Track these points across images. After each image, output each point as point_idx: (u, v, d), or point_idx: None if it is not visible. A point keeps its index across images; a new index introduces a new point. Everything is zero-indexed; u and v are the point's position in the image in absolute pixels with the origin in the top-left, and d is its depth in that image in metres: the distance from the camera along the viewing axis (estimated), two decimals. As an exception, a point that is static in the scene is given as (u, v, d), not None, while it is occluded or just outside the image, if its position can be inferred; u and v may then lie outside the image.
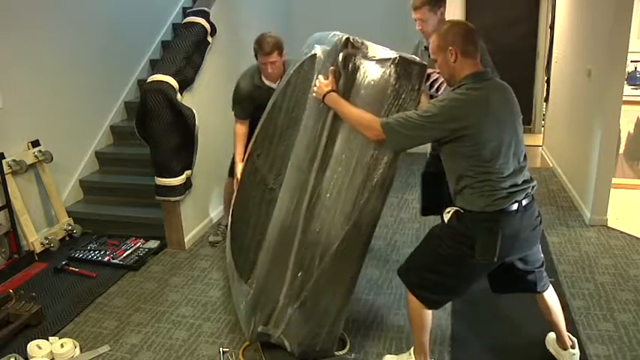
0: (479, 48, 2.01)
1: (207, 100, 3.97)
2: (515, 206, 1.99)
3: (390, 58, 2.12)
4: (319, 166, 2.19)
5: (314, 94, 2.21)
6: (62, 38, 4.07)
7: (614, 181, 3.99)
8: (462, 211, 2.04)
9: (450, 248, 2.08)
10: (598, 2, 3.98)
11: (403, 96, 2.14)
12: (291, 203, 2.25)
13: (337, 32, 2.33)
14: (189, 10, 4.15)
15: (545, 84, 6.26)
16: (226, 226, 3.63)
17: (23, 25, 3.71)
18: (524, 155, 2.08)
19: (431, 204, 2.96)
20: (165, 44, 5.22)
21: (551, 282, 2.36)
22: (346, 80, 2.13)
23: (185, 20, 3.99)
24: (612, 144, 3.81)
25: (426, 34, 2.69)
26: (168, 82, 3.45)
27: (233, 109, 3.39)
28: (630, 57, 3.95)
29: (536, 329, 2.68)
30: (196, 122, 3.60)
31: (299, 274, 2.27)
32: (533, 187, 2.08)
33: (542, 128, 6.41)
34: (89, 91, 4.37)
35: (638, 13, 4.31)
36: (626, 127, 4.58)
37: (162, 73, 3.51)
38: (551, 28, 5.87)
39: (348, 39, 2.13)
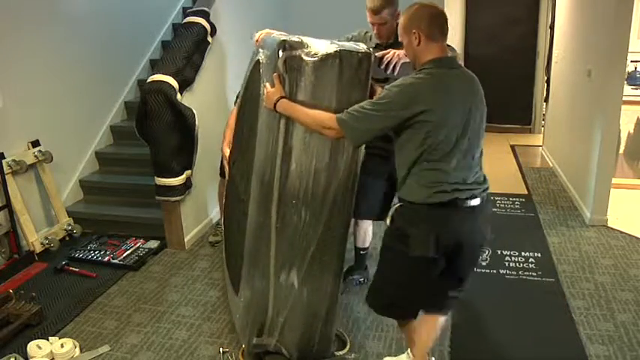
0: (446, 33, 1.93)
1: (207, 100, 3.97)
2: (457, 202, 1.90)
3: (331, 53, 2.04)
4: (280, 175, 2.15)
5: (264, 104, 2.15)
6: (62, 38, 4.07)
7: (614, 181, 4.00)
8: (402, 205, 1.98)
9: (394, 253, 2.01)
10: (598, 2, 3.98)
11: (351, 88, 2.08)
12: (259, 215, 2.23)
13: (275, 33, 2.28)
14: (189, 10, 4.14)
15: (545, 84, 6.27)
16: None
17: (23, 25, 3.71)
18: (481, 153, 1.99)
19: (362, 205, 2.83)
20: (165, 44, 5.21)
21: (550, 282, 2.36)
22: (291, 83, 2.05)
23: (185, 20, 3.98)
24: (612, 144, 3.81)
25: (383, 38, 2.62)
26: (168, 82, 3.45)
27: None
28: (630, 57, 3.95)
29: (535, 329, 2.68)
30: (196, 122, 3.60)
31: (282, 282, 2.26)
32: (484, 189, 1.97)
33: (542, 128, 6.41)
34: (89, 91, 4.37)
35: (638, 13, 4.31)
36: (626, 127, 4.59)
37: (163, 73, 3.50)
38: (551, 28, 5.88)
39: (284, 41, 2.04)
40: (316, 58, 2.03)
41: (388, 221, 2.03)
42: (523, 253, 3.48)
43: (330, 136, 2.03)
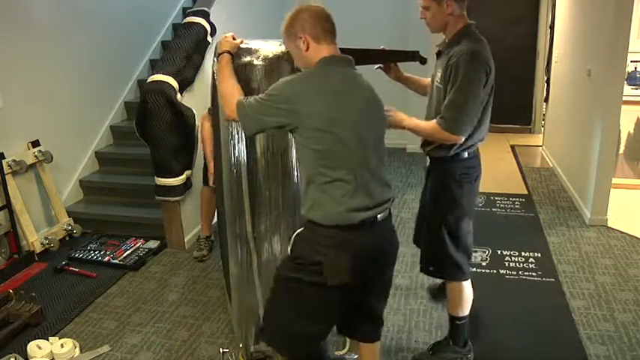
0: (334, 32, 1.79)
1: (207, 100, 3.95)
2: (364, 218, 1.72)
3: (280, 54, 2.06)
4: (247, 188, 2.18)
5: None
6: (62, 38, 4.07)
7: (614, 181, 4.00)
8: (304, 229, 1.79)
9: (299, 282, 1.76)
10: (598, 2, 3.98)
11: None
12: (234, 226, 2.27)
13: (238, 41, 2.30)
14: (189, 10, 4.15)
15: (545, 84, 6.27)
16: (206, 238, 3.63)
17: (23, 25, 3.71)
18: (382, 163, 1.81)
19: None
20: (165, 44, 5.21)
21: (550, 282, 2.35)
22: (248, 90, 2.02)
23: (185, 20, 3.99)
24: (612, 144, 3.81)
25: (428, 26, 2.26)
26: (168, 82, 3.45)
27: None
28: (630, 57, 3.95)
29: (535, 329, 2.68)
30: (196, 122, 3.60)
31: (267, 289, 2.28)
32: (390, 200, 1.82)
33: (542, 128, 6.41)
34: (89, 91, 4.37)
35: (638, 13, 4.31)
36: (626, 127, 4.59)
37: (162, 73, 3.51)
38: (551, 28, 5.88)
39: (223, 52, 2.05)
40: (266, 62, 2.07)
41: (290, 247, 1.83)
42: (523, 253, 3.48)
43: (226, 114, 1.89)
